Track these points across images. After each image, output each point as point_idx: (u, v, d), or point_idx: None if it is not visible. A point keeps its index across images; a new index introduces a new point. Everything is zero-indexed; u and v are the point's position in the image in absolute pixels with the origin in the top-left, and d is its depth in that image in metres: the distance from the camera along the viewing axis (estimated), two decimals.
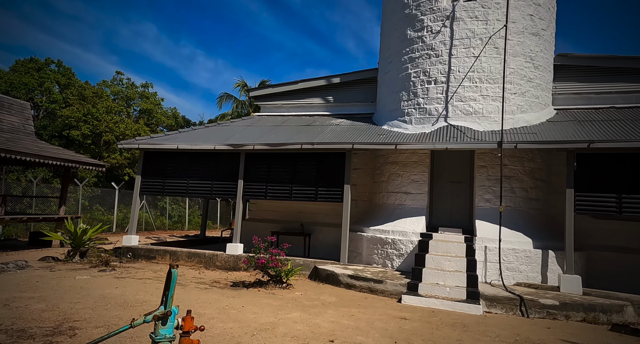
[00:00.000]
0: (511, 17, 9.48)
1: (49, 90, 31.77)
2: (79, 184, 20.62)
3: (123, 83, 35.84)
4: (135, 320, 2.68)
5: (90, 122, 28.86)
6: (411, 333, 5.25)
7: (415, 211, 9.65)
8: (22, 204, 19.99)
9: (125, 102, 34.39)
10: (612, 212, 7.78)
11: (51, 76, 32.40)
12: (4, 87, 29.83)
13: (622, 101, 9.95)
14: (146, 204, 24.45)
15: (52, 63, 34.02)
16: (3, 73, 31.52)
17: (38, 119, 31.36)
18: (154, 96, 36.87)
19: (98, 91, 31.88)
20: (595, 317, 6.79)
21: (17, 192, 20.31)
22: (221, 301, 6.35)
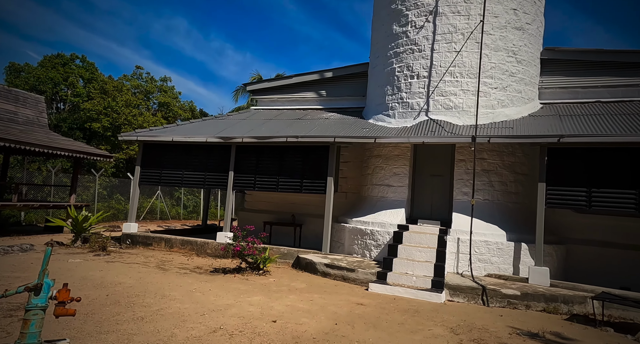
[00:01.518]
0: (493, 12, 9.45)
1: (73, 84, 32.87)
2: (96, 174, 21.42)
3: (142, 77, 36.74)
4: (8, 291, 3.02)
5: (110, 115, 29.78)
6: (358, 316, 5.48)
7: (396, 203, 9.80)
8: (44, 192, 20.93)
9: (144, 95, 35.26)
10: (581, 206, 7.78)
11: (75, 71, 33.50)
12: (32, 82, 31.04)
13: (608, 95, 9.81)
14: (161, 194, 25.19)
15: (77, 58, 35.11)
16: (32, 68, 32.77)
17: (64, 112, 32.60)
18: (171, 90, 37.66)
19: (118, 85, 32.79)
20: (556, 307, 6.87)
21: (39, 181, 21.29)
22: (192, 285, 6.70)
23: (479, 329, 5.30)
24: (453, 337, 4.89)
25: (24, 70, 32.97)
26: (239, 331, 4.41)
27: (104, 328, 4.20)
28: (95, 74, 34.72)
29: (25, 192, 20.98)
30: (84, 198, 21.70)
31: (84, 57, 35.60)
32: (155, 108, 35.92)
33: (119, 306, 5.10)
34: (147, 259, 9.26)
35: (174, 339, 4.01)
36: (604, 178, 7.62)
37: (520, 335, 5.21)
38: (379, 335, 4.70)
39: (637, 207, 7.29)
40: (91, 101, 30.30)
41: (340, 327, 4.91)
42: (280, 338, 4.31)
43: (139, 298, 5.58)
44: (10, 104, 14.42)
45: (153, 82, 36.81)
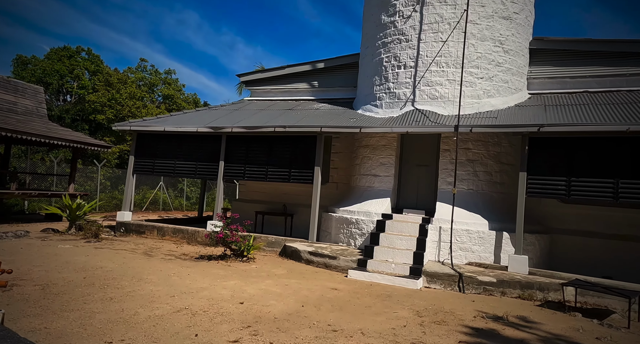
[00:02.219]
0: (480, 1, 9.40)
1: (78, 76, 33.15)
2: (98, 165, 21.67)
3: (147, 70, 36.93)
4: None
5: (114, 107, 30.03)
6: (328, 300, 5.57)
7: (382, 193, 9.86)
8: (47, 182, 21.23)
9: (149, 88, 35.47)
10: (561, 195, 7.78)
11: (81, 63, 33.74)
12: (39, 74, 31.34)
13: (596, 85, 9.74)
14: (164, 186, 25.43)
15: (83, 51, 35.34)
16: (38, 61, 33.06)
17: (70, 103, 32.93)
18: (175, 82, 37.84)
19: (123, 77, 32.97)
20: (531, 294, 6.92)
21: (42, 171, 21.60)
22: (172, 270, 6.84)
23: (445, 313, 5.37)
24: (415, 319, 4.97)
25: (30, 63, 33.27)
26: (203, 311, 4.52)
27: (70, 306, 4.33)
28: (101, 67, 34.96)
29: (29, 181, 21.34)
30: (87, 188, 21.97)
31: (90, 49, 35.79)
32: (160, 100, 36.15)
33: (93, 287, 5.24)
34: (136, 246, 9.43)
35: (136, 317, 4.13)
36: (584, 167, 7.60)
37: (484, 318, 5.27)
38: (341, 316, 4.80)
39: (614, 197, 7.28)
40: (96, 93, 30.58)
41: (305, 309, 5.01)
42: (241, 317, 4.43)
43: (115, 280, 5.73)
44: (10, 95, 14.62)
45: (157, 74, 37.00)
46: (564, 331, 4.96)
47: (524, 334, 4.68)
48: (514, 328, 4.92)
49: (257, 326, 4.16)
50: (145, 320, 4.07)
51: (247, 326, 4.11)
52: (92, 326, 3.76)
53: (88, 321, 3.88)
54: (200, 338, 3.68)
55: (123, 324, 3.87)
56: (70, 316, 4.00)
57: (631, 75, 9.36)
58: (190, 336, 3.69)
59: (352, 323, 4.58)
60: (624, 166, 7.28)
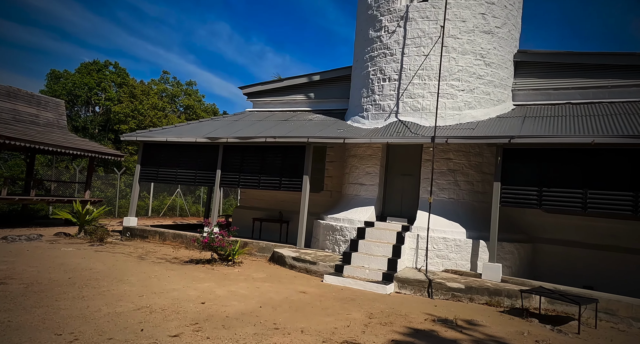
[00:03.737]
0: (461, 16, 9.58)
1: (105, 89, 34.60)
2: (117, 173, 22.54)
3: (169, 81, 38.20)
4: None
5: (137, 117, 31.17)
6: (290, 302, 5.84)
7: (367, 201, 10.08)
8: (71, 188, 22.20)
9: (170, 98, 36.63)
10: (532, 204, 7.84)
11: (108, 76, 35.22)
12: (69, 87, 32.88)
13: (579, 97, 9.74)
14: (181, 192, 26.17)
15: (110, 64, 36.90)
16: (70, 74, 34.68)
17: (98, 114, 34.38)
18: (195, 93, 38.96)
19: (146, 89, 34.20)
20: (499, 301, 7.01)
21: (66, 178, 22.63)
22: (155, 272, 7.24)
23: (397, 315, 5.57)
24: (364, 320, 5.19)
25: (62, 77, 34.91)
26: (162, 309, 4.87)
27: (42, 303, 4.75)
28: (126, 79, 36.38)
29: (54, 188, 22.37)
30: (108, 195, 22.82)
31: (117, 63, 37.33)
32: (181, 111, 37.28)
33: (72, 287, 5.67)
34: (135, 250, 9.91)
35: (96, 313, 4.51)
36: (555, 178, 7.67)
37: (434, 321, 5.44)
38: (292, 316, 5.06)
39: (583, 206, 7.32)
40: (120, 104, 31.85)
41: (262, 309, 5.29)
42: (194, 316, 4.75)
43: (96, 281, 6.15)
44: (33, 108, 15.54)
45: (179, 86, 38.21)
46: (506, 334, 5.08)
47: (461, 336, 4.84)
48: (455, 330, 5.08)
49: (204, 323, 4.48)
50: (103, 316, 4.44)
51: (195, 323, 4.43)
52: (51, 320, 4.15)
53: (50, 316, 4.28)
54: (144, 332, 4.02)
55: (81, 319, 4.26)
56: (37, 311, 4.41)
57: (613, 87, 9.34)
58: (136, 330, 4.04)
59: (299, 322, 4.84)
60: (592, 177, 7.32)
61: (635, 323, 6.31)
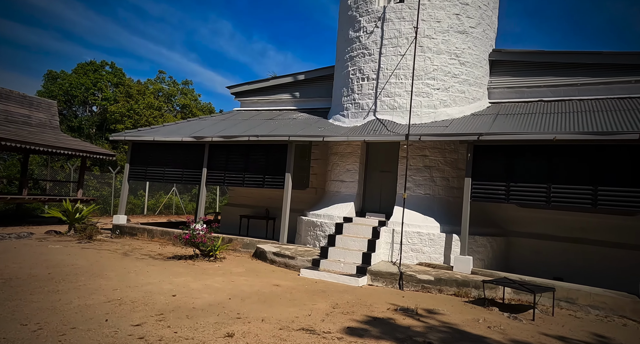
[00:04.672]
0: (436, 17, 9.75)
1: (101, 89, 34.70)
2: (112, 172, 22.70)
3: (165, 81, 38.31)
4: None
5: (132, 117, 31.28)
6: (259, 294, 6.03)
7: (347, 197, 10.27)
8: (67, 188, 22.36)
9: (166, 98, 36.74)
10: (501, 199, 8.04)
11: (105, 77, 35.33)
12: (66, 87, 33.01)
13: (551, 95, 9.92)
14: (176, 190, 26.33)
15: (107, 65, 37.00)
16: (67, 75, 34.79)
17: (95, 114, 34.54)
18: (192, 92, 39.07)
19: (142, 88, 34.32)
20: (467, 291, 7.21)
21: (61, 178, 22.79)
22: (136, 268, 7.43)
23: (362, 306, 5.76)
24: (327, 309, 5.38)
25: (59, 77, 35.00)
26: (131, 302, 5.07)
27: (16, 296, 4.94)
28: (123, 79, 36.49)
29: (49, 188, 22.52)
30: (104, 193, 22.97)
31: (113, 63, 37.42)
32: (178, 110, 37.40)
33: (50, 281, 5.86)
34: (121, 247, 10.10)
35: (66, 306, 4.70)
36: (521, 173, 7.86)
37: (395, 310, 5.64)
38: (257, 307, 5.26)
39: (547, 200, 7.51)
40: (116, 104, 31.96)
41: (230, 301, 5.49)
42: (161, 307, 4.94)
43: (75, 276, 6.35)
44: (25, 109, 15.67)
45: (175, 85, 38.31)
46: (461, 321, 5.28)
47: (416, 323, 5.04)
48: (413, 318, 5.28)
49: (169, 314, 4.67)
50: (72, 308, 4.63)
51: (160, 314, 4.63)
52: (21, 312, 4.34)
53: (21, 309, 4.46)
54: (108, 322, 4.21)
55: (50, 311, 4.45)
56: (9, 304, 4.60)
57: (582, 84, 9.52)
58: (101, 321, 4.23)
59: (262, 312, 5.04)
60: (555, 172, 7.52)
61: (593, 310, 6.52)
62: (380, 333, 4.55)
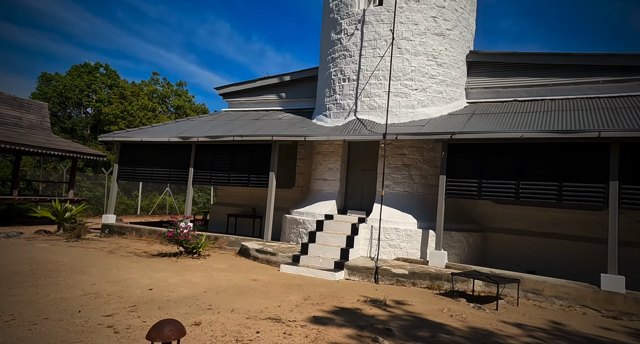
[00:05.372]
0: (413, 19, 9.94)
1: (95, 91, 34.73)
2: (105, 173, 22.76)
3: (159, 82, 38.38)
4: None
5: (126, 118, 31.33)
6: (235, 288, 6.19)
7: (329, 195, 10.45)
8: (60, 188, 22.41)
9: (160, 99, 36.80)
10: (474, 195, 8.24)
11: (99, 78, 35.35)
12: (60, 89, 33.01)
13: (525, 95, 10.15)
14: (170, 191, 26.43)
15: (101, 67, 37.01)
16: (61, 77, 34.78)
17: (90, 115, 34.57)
18: (185, 93, 39.17)
19: (136, 90, 34.36)
20: (439, 284, 7.41)
21: (54, 179, 22.84)
22: (119, 264, 7.57)
23: (333, 298, 5.94)
24: (298, 301, 5.55)
25: (53, 79, 34.98)
26: (107, 295, 5.22)
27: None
28: (117, 81, 36.53)
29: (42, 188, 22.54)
30: (97, 194, 23.02)
31: (107, 65, 37.46)
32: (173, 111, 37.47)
33: (31, 277, 6.00)
34: (108, 245, 10.22)
35: (43, 299, 4.85)
36: (492, 171, 8.07)
37: (365, 302, 5.82)
38: (231, 299, 5.42)
39: (516, 196, 7.72)
40: (110, 105, 32.00)
41: (205, 294, 5.65)
42: (136, 299, 5.10)
43: (57, 272, 6.48)
44: (15, 110, 15.74)
45: (169, 86, 38.39)
46: (426, 311, 5.47)
47: (382, 313, 5.22)
48: (380, 308, 5.46)
49: (142, 306, 4.83)
50: (48, 301, 4.78)
51: (133, 306, 4.78)
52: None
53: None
54: (81, 313, 4.36)
55: (25, 304, 4.59)
56: None
57: (554, 85, 9.74)
58: (74, 312, 4.38)
59: (234, 304, 5.20)
60: (524, 169, 7.73)
61: (558, 301, 6.73)
62: (344, 321, 4.73)
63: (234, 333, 4.03)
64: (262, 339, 3.93)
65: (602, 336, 4.96)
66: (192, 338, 3.82)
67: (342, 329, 4.41)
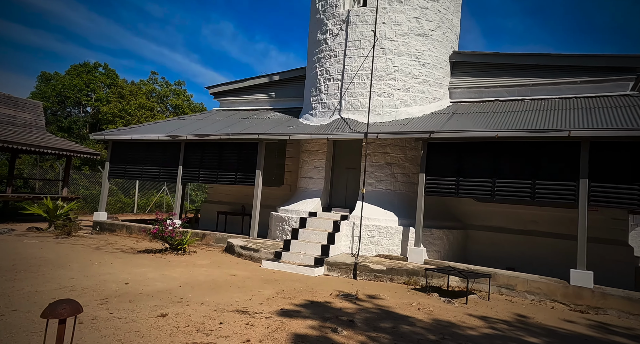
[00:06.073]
0: (396, 20, 10.02)
1: (94, 90, 34.83)
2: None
3: (158, 82, 38.50)
4: None
5: (124, 117, 31.42)
6: (212, 282, 6.27)
7: (314, 193, 10.53)
8: (56, 186, 22.53)
9: (159, 98, 36.92)
10: (452, 193, 8.32)
11: (98, 78, 35.46)
12: (59, 88, 33.11)
13: (506, 94, 10.22)
14: (167, 189, 26.55)
15: (100, 66, 37.13)
16: (60, 76, 34.88)
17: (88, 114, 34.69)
18: (184, 93, 39.28)
19: (134, 89, 34.45)
20: (416, 280, 7.50)
21: (50, 177, 22.96)
22: (101, 260, 7.65)
23: (306, 292, 6.02)
24: (271, 295, 5.64)
25: (53, 78, 35.08)
26: (82, 288, 5.31)
27: None
28: (116, 80, 36.64)
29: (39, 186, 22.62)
30: (94, 193, 23.12)
31: (106, 64, 37.58)
32: (171, 110, 37.58)
33: (12, 272, 6.09)
34: (97, 242, 10.31)
35: (18, 292, 4.94)
36: (470, 169, 8.15)
37: (337, 296, 5.91)
38: (204, 293, 5.51)
39: (492, 194, 7.81)
40: (108, 104, 32.10)
41: (180, 288, 5.74)
42: (110, 293, 5.19)
43: (39, 267, 6.57)
44: (10, 109, 15.83)
45: (168, 86, 38.49)
46: (395, 305, 5.56)
47: (351, 305, 5.31)
48: (350, 302, 5.55)
49: (114, 299, 4.92)
50: (21, 294, 4.87)
51: (104, 298, 4.87)
52: None
53: None
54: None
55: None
56: None
57: (534, 85, 9.82)
58: (44, 304, 4.46)
59: (206, 297, 5.29)
60: (499, 167, 7.81)
61: (530, 296, 6.82)
62: (310, 313, 4.81)
63: (197, 324, 4.12)
64: (224, 329, 4.02)
65: (562, 328, 5.05)
66: (155, 329, 3.91)
67: (306, 321, 4.50)
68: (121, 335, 3.68)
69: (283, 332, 4.05)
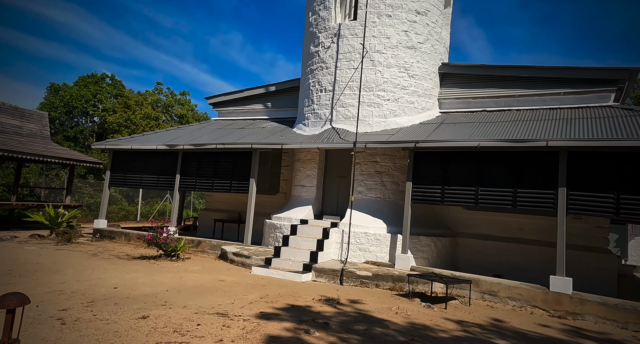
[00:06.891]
0: (385, 33, 10.24)
1: (100, 100, 35.38)
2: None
3: (163, 92, 39.04)
4: None
5: (129, 127, 31.85)
6: (200, 287, 6.41)
7: (306, 201, 10.68)
8: (61, 195, 22.80)
9: (164, 108, 37.40)
10: (437, 201, 8.44)
11: (104, 89, 36.05)
12: (67, 99, 33.67)
13: (493, 105, 10.37)
14: (170, 198, 26.80)
15: (107, 77, 37.76)
16: (68, 87, 35.49)
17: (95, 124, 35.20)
18: (188, 103, 39.79)
19: (139, 99, 34.94)
20: (401, 286, 7.59)
21: (56, 185, 23.26)
22: (96, 266, 7.81)
23: (290, 296, 6.14)
24: (254, 299, 5.77)
25: (61, 89, 35.69)
26: (71, 292, 5.46)
27: None
28: (122, 91, 37.21)
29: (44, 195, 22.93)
30: (98, 201, 23.36)
31: (113, 76, 38.22)
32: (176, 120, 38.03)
33: (6, 276, 6.26)
34: (95, 249, 10.49)
35: None
36: (455, 177, 8.28)
37: (319, 301, 6.02)
38: (189, 297, 5.65)
39: (475, 202, 7.92)
40: (114, 114, 32.58)
41: (167, 292, 5.87)
42: (97, 297, 5.33)
43: (34, 272, 6.74)
44: (16, 120, 16.18)
45: (173, 96, 39.02)
46: (375, 309, 5.66)
47: (330, 309, 5.42)
48: (331, 306, 5.66)
49: (100, 302, 5.06)
50: None
51: (90, 302, 5.02)
52: None
53: None
54: (38, 308, 4.60)
55: None
56: None
57: (520, 96, 9.97)
58: (32, 307, 4.61)
59: (190, 300, 5.43)
60: (483, 176, 7.93)
61: (511, 302, 6.89)
62: (288, 316, 4.93)
63: (175, 325, 4.26)
64: (200, 330, 4.15)
65: (535, 332, 5.13)
66: (134, 329, 4.05)
67: (282, 323, 4.62)
68: (100, 335, 3.82)
69: (257, 333, 4.18)
